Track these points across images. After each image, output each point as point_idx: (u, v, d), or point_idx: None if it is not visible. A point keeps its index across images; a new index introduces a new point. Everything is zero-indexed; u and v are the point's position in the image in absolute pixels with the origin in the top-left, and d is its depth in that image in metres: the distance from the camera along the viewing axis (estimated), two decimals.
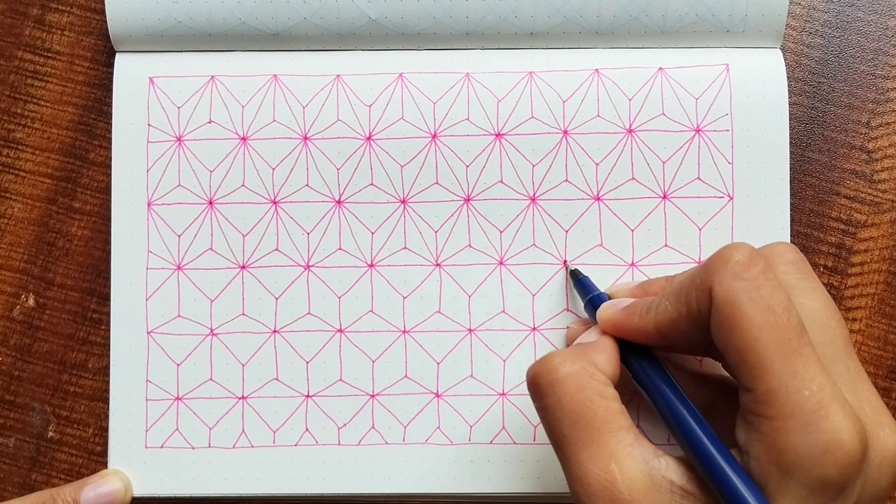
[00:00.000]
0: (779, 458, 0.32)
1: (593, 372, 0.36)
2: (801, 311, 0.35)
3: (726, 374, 0.41)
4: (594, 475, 0.34)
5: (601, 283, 0.46)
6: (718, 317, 0.34)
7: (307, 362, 0.46)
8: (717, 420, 0.37)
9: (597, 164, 0.46)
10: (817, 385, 0.32)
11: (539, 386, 0.36)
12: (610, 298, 0.42)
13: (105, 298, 0.48)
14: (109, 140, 0.48)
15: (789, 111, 0.47)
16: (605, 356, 0.38)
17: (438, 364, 0.46)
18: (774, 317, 0.33)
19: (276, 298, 0.47)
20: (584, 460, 0.34)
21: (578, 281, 0.45)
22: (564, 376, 0.36)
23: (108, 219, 0.47)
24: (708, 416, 0.36)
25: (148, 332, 0.47)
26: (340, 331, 0.47)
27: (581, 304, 0.44)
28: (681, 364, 0.43)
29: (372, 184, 0.47)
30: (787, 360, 0.32)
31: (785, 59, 0.47)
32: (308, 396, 0.46)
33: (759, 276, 0.34)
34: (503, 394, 0.46)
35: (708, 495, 0.34)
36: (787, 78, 0.47)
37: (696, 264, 0.46)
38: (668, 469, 0.34)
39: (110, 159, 0.47)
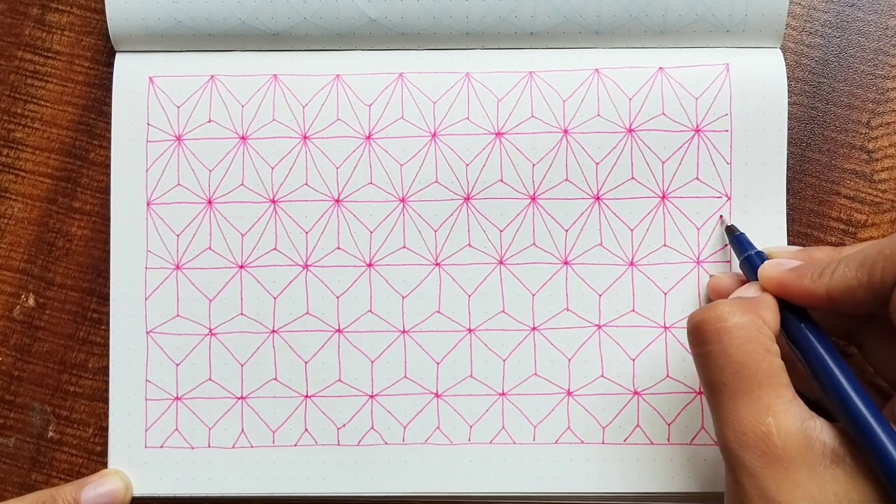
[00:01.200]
0: None
1: (761, 325, 0.36)
2: None
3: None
4: (750, 425, 0.34)
5: (601, 283, 0.46)
6: None
7: (306, 362, 0.46)
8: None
9: (597, 164, 0.46)
10: None
11: (704, 333, 0.36)
12: (767, 257, 0.42)
13: (105, 298, 0.48)
14: (109, 140, 0.48)
15: (789, 111, 0.47)
16: (771, 312, 0.38)
17: (438, 364, 0.46)
18: None
19: (275, 298, 0.47)
20: (741, 409, 0.35)
21: (735, 237, 0.44)
22: (733, 326, 0.36)
23: (108, 219, 0.47)
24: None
25: (147, 332, 0.47)
26: (339, 331, 0.46)
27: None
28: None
29: (371, 183, 0.47)
30: None
31: (785, 59, 0.47)
32: (307, 397, 0.46)
33: None
34: (503, 394, 0.46)
35: (860, 462, 0.34)
36: (787, 78, 0.47)
37: (695, 264, 0.46)
38: (822, 430, 0.34)
39: (110, 159, 0.47)
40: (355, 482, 0.46)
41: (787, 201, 0.46)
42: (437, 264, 0.47)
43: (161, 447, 0.46)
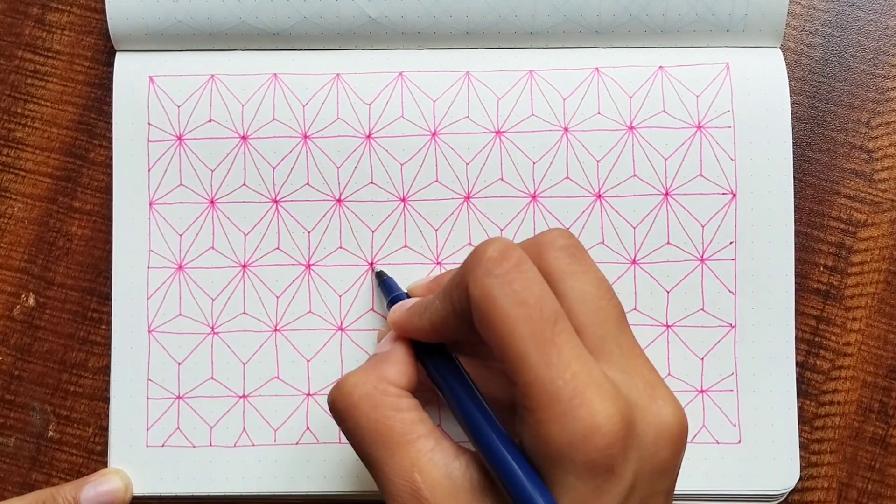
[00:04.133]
0: (545, 449, 0.32)
1: (386, 388, 0.36)
2: (572, 295, 0.35)
3: None
4: (401, 486, 0.34)
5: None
6: (477, 314, 0.34)
7: (308, 361, 0.46)
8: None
9: (598, 162, 0.46)
10: (571, 373, 0.32)
11: (338, 412, 0.37)
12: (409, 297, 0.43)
13: (105, 298, 0.48)
14: (110, 139, 0.48)
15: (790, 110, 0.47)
16: (399, 366, 0.38)
17: None
18: (527, 309, 0.33)
19: (277, 297, 0.47)
20: (389, 475, 0.35)
21: (383, 282, 0.45)
22: (359, 399, 0.36)
23: (109, 218, 0.47)
24: (511, 412, 0.36)
25: (149, 331, 0.47)
26: (341, 329, 0.46)
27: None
28: (483, 360, 0.43)
29: (372, 182, 0.47)
30: (541, 351, 0.32)
31: (785, 59, 0.47)
32: (309, 395, 0.46)
33: (512, 270, 0.34)
34: None
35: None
36: (788, 77, 0.47)
37: (699, 262, 0.46)
38: (467, 467, 0.35)
39: (110, 159, 0.47)
40: (357, 481, 0.46)
41: None
42: (439, 263, 0.47)
43: (162, 446, 0.46)
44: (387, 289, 0.44)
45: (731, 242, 0.46)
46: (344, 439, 0.46)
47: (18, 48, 0.49)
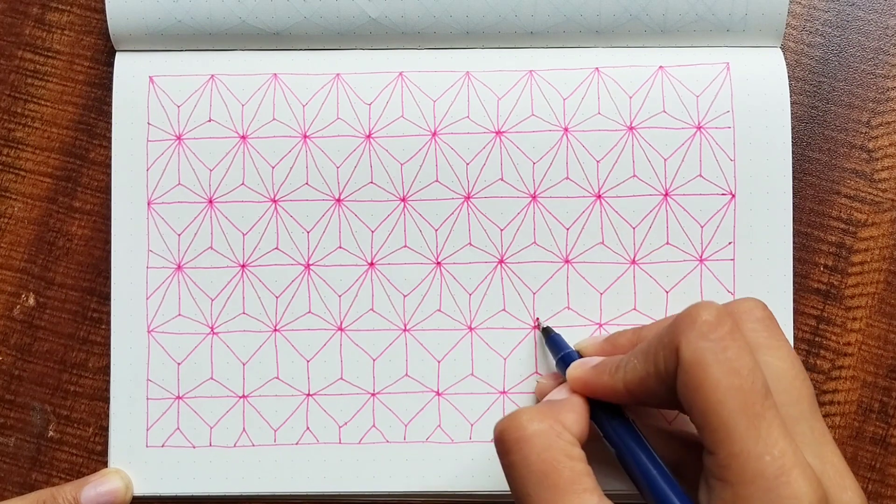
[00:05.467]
0: None
1: (561, 431, 0.36)
2: (767, 371, 0.35)
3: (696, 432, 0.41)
4: None
5: (602, 281, 0.46)
6: (684, 378, 0.34)
7: (308, 361, 0.46)
8: (686, 477, 0.37)
9: (598, 162, 0.46)
10: (779, 450, 0.32)
11: (506, 442, 0.36)
12: (580, 355, 0.42)
13: (105, 298, 0.48)
14: (109, 139, 0.48)
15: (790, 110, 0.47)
16: (574, 415, 0.38)
17: (439, 362, 0.46)
18: (739, 379, 0.33)
19: (277, 297, 0.47)
20: None
21: (550, 338, 0.45)
22: (532, 434, 0.35)
23: (109, 218, 0.47)
24: (677, 473, 0.36)
25: (148, 331, 0.47)
26: (341, 329, 0.46)
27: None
28: (650, 421, 0.43)
29: (372, 182, 0.47)
30: (751, 424, 0.32)
31: (785, 59, 0.47)
32: (309, 395, 0.46)
33: (726, 337, 0.33)
34: (504, 392, 0.46)
35: None
36: (788, 77, 0.47)
37: (698, 262, 0.46)
38: None
39: (110, 158, 0.47)
40: (357, 480, 0.46)
41: None
42: (438, 263, 0.47)
43: (162, 446, 0.46)
44: (556, 346, 0.44)
45: (729, 243, 0.46)
46: (345, 438, 0.46)
47: (18, 48, 0.49)
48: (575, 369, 0.40)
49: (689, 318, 0.34)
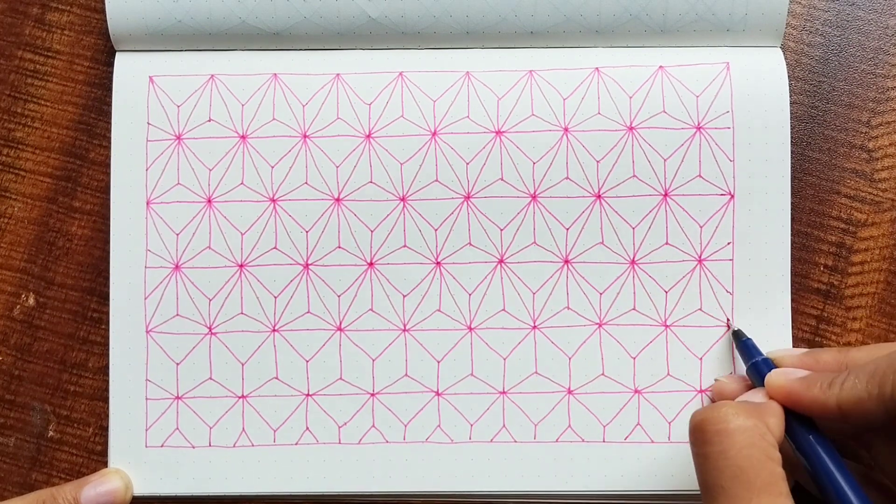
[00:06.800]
0: None
1: (765, 432, 0.36)
2: None
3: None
4: None
5: (602, 281, 0.46)
6: None
7: (307, 361, 0.46)
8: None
9: (598, 162, 0.46)
10: None
11: (705, 433, 0.36)
12: (774, 364, 0.42)
13: (105, 298, 0.48)
14: (109, 139, 0.48)
15: (789, 110, 0.47)
16: (776, 420, 0.37)
17: (438, 362, 0.46)
18: None
19: (275, 297, 0.47)
20: None
21: (742, 342, 0.45)
22: (735, 429, 0.35)
23: (108, 218, 0.47)
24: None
25: (147, 331, 0.47)
26: (340, 329, 0.46)
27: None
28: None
29: (371, 182, 0.47)
30: None
31: (785, 58, 0.47)
32: (308, 395, 0.46)
33: None
34: (503, 392, 0.46)
35: None
36: (788, 77, 0.47)
37: (697, 262, 0.46)
38: None
39: (110, 158, 0.47)
40: (356, 481, 0.46)
41: None
42: (438, 263, 0.47)
43: (161, 446, 0.46)
44: (748, 351, 0.44)
45: (728, 243, 0.46)
46: (344, 439, 0.46)
47: (18, 48, 0.49)
48: (777, 377, 0.39)
49: None
